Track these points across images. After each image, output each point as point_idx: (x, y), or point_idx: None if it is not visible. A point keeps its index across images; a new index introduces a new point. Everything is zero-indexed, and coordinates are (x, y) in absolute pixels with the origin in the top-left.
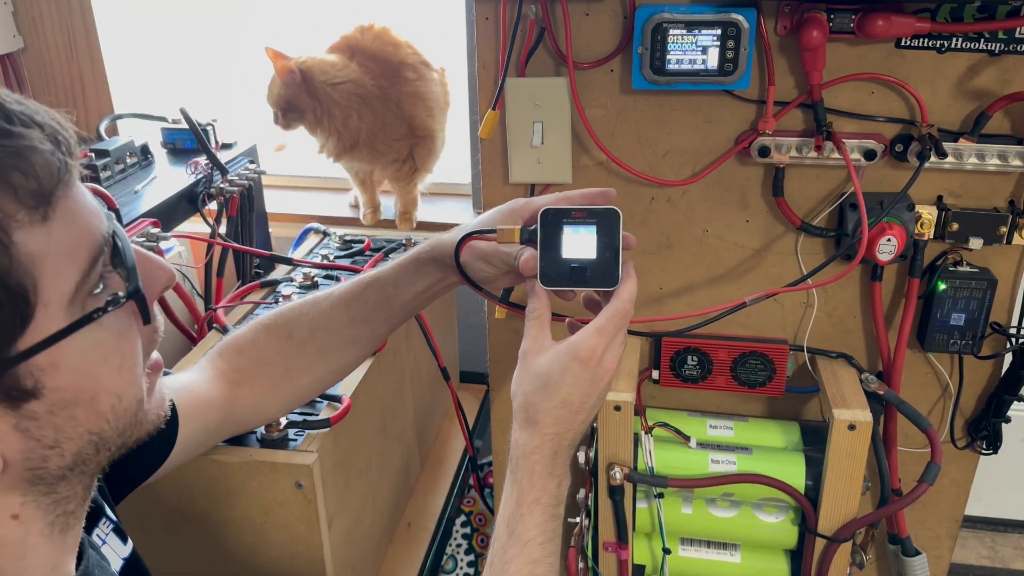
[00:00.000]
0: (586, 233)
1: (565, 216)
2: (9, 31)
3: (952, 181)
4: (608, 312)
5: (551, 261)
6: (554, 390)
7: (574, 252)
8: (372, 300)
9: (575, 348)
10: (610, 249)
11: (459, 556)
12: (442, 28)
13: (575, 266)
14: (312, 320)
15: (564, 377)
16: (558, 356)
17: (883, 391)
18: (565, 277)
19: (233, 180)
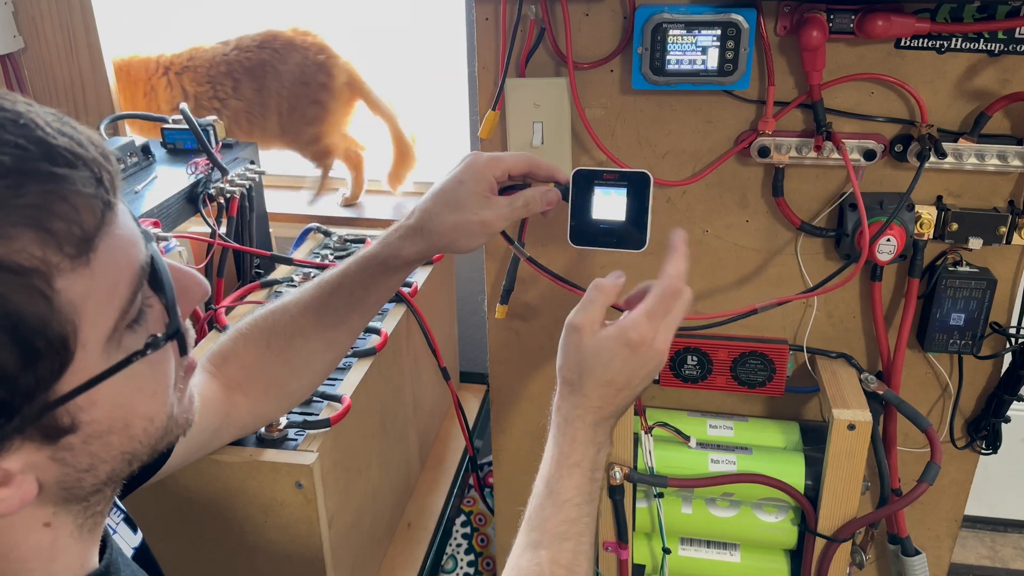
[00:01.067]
0: (616, 195)
1: (596, 177)
2: (9, 31)
3: (952, 181)
4: (657, 293)
5: (581, 220)
6: (601, 371)
7: (604, 213)
8: (342, 305)
9: (625, 334)
10: (639, 212)
11: (459, 556)
12: (442, 28)
13: (604, 227)
14: (286, 329)
15: (612, 362)
16: (608, 341)
17: (883, 391)
18: (594, 237)
19: (233, 180)
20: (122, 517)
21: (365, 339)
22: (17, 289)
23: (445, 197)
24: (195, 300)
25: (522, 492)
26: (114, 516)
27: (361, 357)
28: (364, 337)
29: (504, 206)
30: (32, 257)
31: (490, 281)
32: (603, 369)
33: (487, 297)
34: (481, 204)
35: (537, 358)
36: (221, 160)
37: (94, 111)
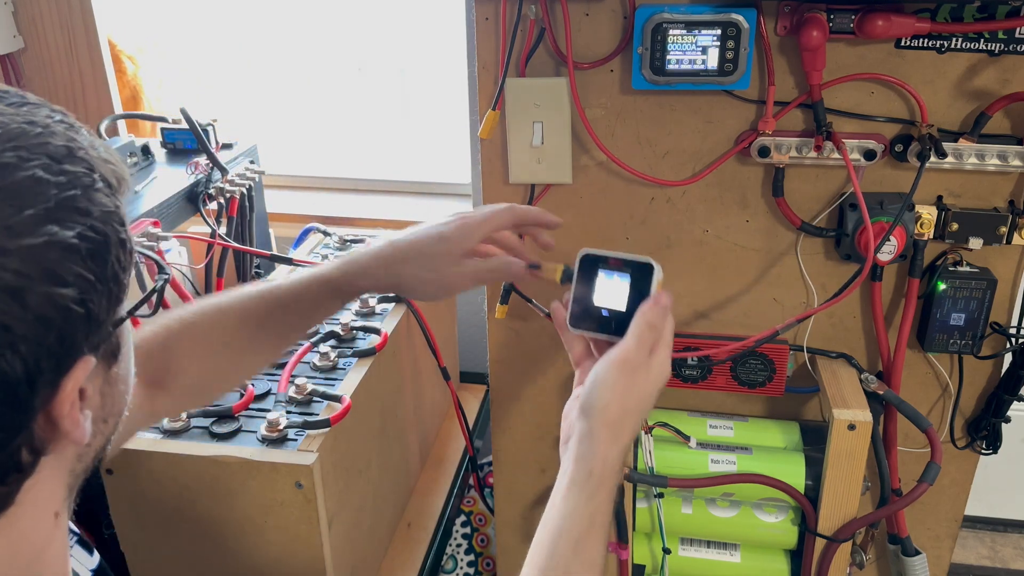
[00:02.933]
0: (619, 281)
1: (602, 262)
2: (9, 31)
3: (952, 181)
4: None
5: (583, 304)
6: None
7: (605, 300)
8: (289, 322)
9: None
10: (638, 299)
11: (459, 556)
12: (442, 28)
13: (604, 314)
14: (221, 336)
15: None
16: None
17: (883, 391)
18: (593, 323)
19: (233, 180)
20: (75, 539)
21: (365, 339)
22: (115, 220)
23: (421, 249)
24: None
25: (522, 492)
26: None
27: (361, 357)
28: (364, 337)
29: (470, 273)
30: (111, 202)
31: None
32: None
33: (487, 297)
34: (452, 265)
35: (537, 358)
36: (221, 160)
37: (94, 111)
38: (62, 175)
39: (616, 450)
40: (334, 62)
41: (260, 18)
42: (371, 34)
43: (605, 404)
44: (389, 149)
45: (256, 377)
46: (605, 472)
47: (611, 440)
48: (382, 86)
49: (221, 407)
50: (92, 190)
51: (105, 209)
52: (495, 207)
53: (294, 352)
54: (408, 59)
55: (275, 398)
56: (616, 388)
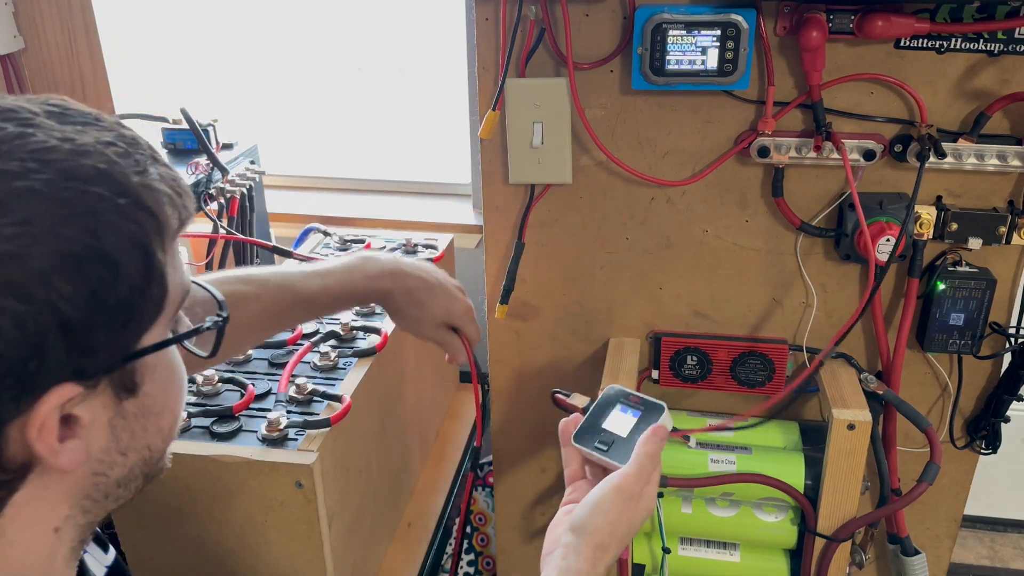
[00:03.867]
0: (631, 415)
1: (623, 397)
2: (10, 31)
3: (951, 181)
4: (641, 452)
5: (590, 425)
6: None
7: (612, 426)
8: (302, 317)
9: (616, 492)
10: (639, 434)
11: (459, 556)
12: (442, 28)
13: (607, 438)
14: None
15: (614, 530)
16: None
17: (882, 391)
18: (592, 442)
19: (233, 180)
20: (92, 537)
21: (365, 339)
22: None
23: (422, 296)
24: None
25: (522, 492)
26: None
27: (361, 357)
28: (364, 337)
29: (433, 336)
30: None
31: (490, 281)
32: (594, 532)
33: (487, 297)
34: (432, 324)
35: (537, 358)
36: (221, 160)
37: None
38: (67, 191)
39: (599, 570)
40: (334, 62)
41: (260, 18)
42: (371, 34)
43: (597, 526)
44: (389, 149)
45: (256, 377)
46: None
47: (595, 560)
48: (382, 86)
49: (221, 407)
50: (107, 213)
51: (122, 234)
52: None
53: (294, 352)
54: (408, 59)
55: (275, 398)
56: (610, 513)
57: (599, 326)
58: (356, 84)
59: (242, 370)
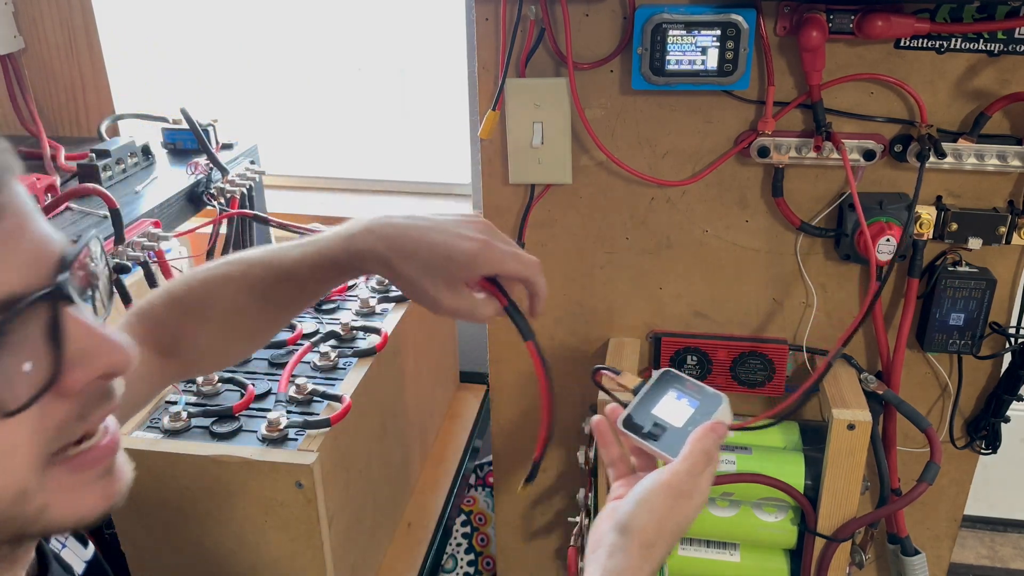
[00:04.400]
0: (687, 404)
1: (678, 382)
2: (9, 31)
3: (951, 181)
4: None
5: (641, 411)
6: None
7: (664, 414)
8: (293, 293)
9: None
10: (695, 424)
11: (459, 556)
12: (442, 28)
13: (657, 425)
14: (227, 304)
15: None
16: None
17: (882, 391)
18: (641, 429)
19: (233, 180)
20: (69, 531)
21: (365, 339)
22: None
23: (425, 258)
24: (96, 368)
25: (521, 492)
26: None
27: (361, 357)
28: (364, 337)
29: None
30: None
31: None
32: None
33: None
34: (448, 289)
35: None
36: (221, 160)
37: (94, 111)
38: None
39: (647, 570)
40: (334, 62)
41: (260, 18)
42: (371, 34)
43: (643, 525)
44: (389, 149)
45: (256, 377)
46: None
47: (643, 559)
48: (382, 86)
49: (221, 407)
50: None
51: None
52: (520, 256)
53: (294, 352)
54: (408, 59)
55: (275, 398)
56: (658, 511)
57: (599, 326)
58: (356, 84)
59: (242, 370)
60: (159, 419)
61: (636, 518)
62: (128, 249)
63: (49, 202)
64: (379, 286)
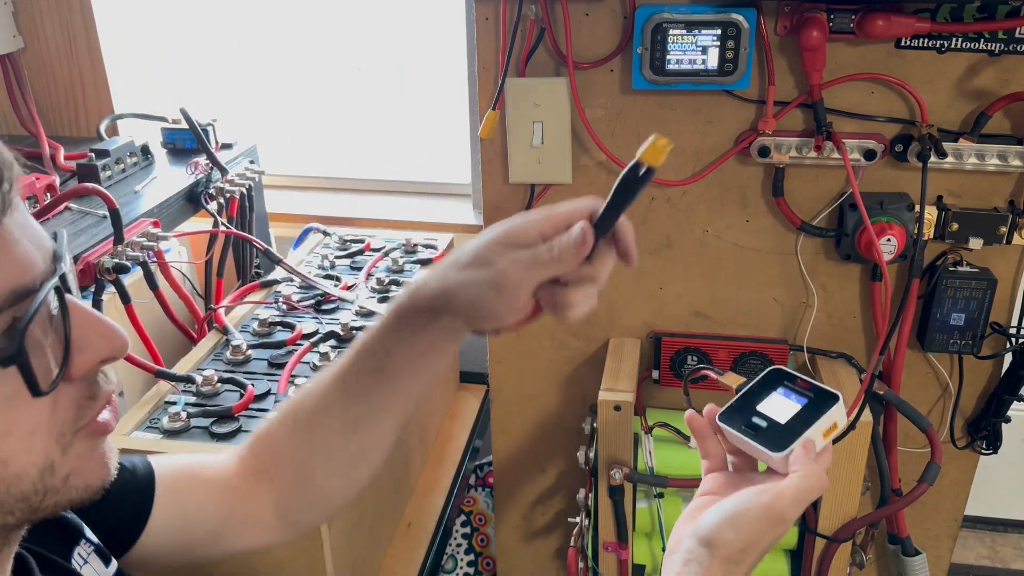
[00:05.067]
0: (795, 402)
1: (788, 379)
2: (9, 31)
3: (952, 181)
4: (804, 476)
5: (742, 404)
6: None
7: (769, 410)
8: (365, 372)
9: (766, 513)
10: (803, 423)
11: (459, 556)
12: (442, 28)
13: (761, 420)
14: (313, 402)
15: (760, 540)
16: (757, 522)
17: (883, 391)
18: (740, 421)
19: (233, 180)
20: (93, 548)
21: None
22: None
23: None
24: (100, 352)
25: (522, 492)
26: (84, 547)
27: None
28: None
29: (524, 257)
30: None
31: None
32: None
33: None
34: (500, 253)
35: (537, 358)
36: (221, 160)
37: (94, 111)
38: None
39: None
40: (334, 62)
41: (260, 18)
42: (371, 34)
43: (730, 541)
44: (389, 149)
45: (256, 378)
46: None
47: (724, 574)
48: (382, 86)
49: (221, 407)
50: None
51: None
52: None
53: (294, 352)
54: (408, 59)
55: (275, 398)
56: (750, 532)
57: (599, 326)
58: (356, 84)
59: (241, 370)
60: (159, 419)
61: (719, 534)
62: (128, 249)
63: (49, 202)
64: (379, 286)
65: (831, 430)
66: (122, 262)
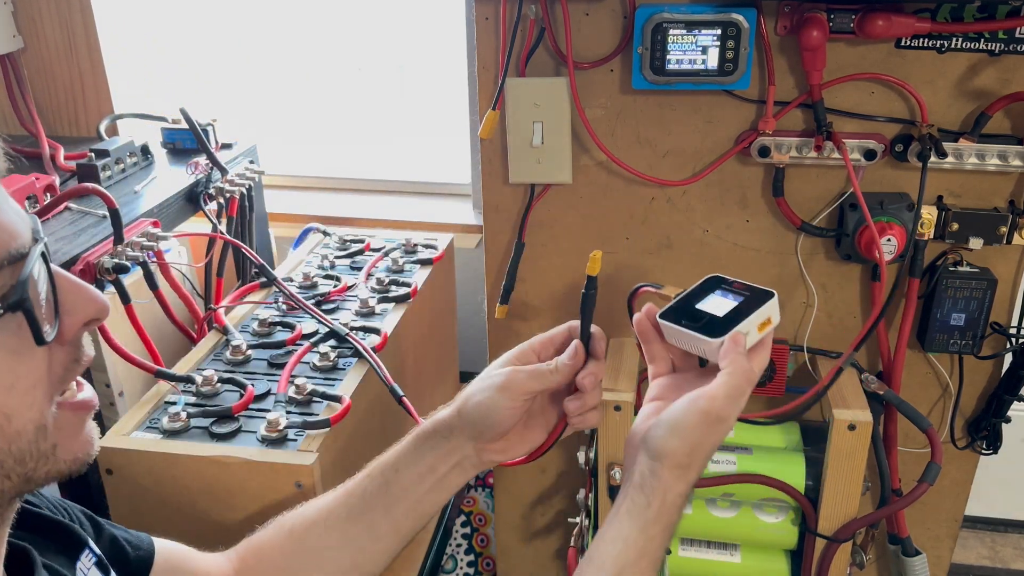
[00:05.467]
0: (731, 300)
1: (725, 283)
2: (9, 31)
3: (952, 181)
4: (736, 369)
5: (682, 305)
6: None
7: (706, 306)
8: (371, 489)
9: (703, 416)
10: (739, 315)
11: (459, 556)
12: (442, 28)
13: (700, 316)
14: (314, 513)
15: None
16: (697, 421)
17: (883, 391)
18: (681, 316)
19: (233, 180)
20: (94, 561)
21: (365, 339)
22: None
23: (485, 370)
24: (83, 316)
25: (522, 492)
26: (86, 559)
27: (361, 357)
28: (364, 337)
29: (528, 369)
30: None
31: (490, 281)
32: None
33: (487, 297)
34: (510, 366)
35: None
36: (221, 160)
37: (94, 111)
38: None
39: (680, 488)
40: (334, 62)
41: (260, 18)
42: (371, 34)
43: (674, 449)
44: (389, 149)
45: (256, 378)
46: (664, 509)
47: (675, 479)
48: (382, 86)
49: (220, 407)
50: None
51: None
52: (542, 376)
53: (294, 352)
54: (408, 59)
55: (275, 398)
56: (692, 435)
57: (599, 326)
58: (356, 84)
59: (241, 370)
60: (158, 420)
61: (667, 444)
62: (127, 249)
63: (48, 202)
64: (379, 286)
65: (765, 324)
66: (122, 262)
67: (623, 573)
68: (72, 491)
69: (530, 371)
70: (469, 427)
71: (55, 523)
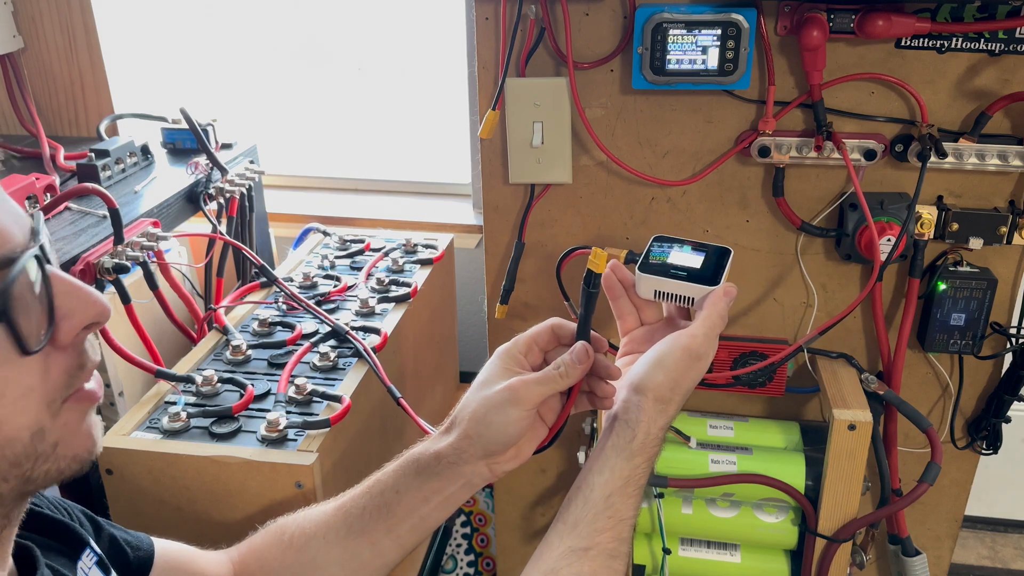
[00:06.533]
0: (697, 255)
1: (676, 241)
2: (9, 31)
3: (952, 181)
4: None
5: (652, 261)
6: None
7: (679, 261)
8: (371, 507)
9: (684, 352)
10: (716, 267)
11: (459, 556)
12: (442, 28)
13: (674, 269)
14: (312, 526)
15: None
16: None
17: (883, 391)
18: (661, 271)
19: (233, 180)
20: (95, 561)
21: (365, 339)
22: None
23: (476, 385)
24: (85, 317)
25: (522, 492)
26: (87, 559)
27: (360, 357)
28: (364, 337)
29: (535, 375)
30: None
31: (490, 281)
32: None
33: (487, 297)
34: (506, 376)
35: None
36: (221, 160)
37: (94, 111)
38: None
39: (661, 421)
40: (334, 62)
41: (260, 17)
42: (371, 34)
43: (659, 383)
44: (389, 149)
45: (256, 378)
46: (647, 440)
47: (658, 412)
48: (382, 86)
49: (220, 407)
50: None
51: None
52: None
53: (294, 352)
54: (408, 59)
55: (275, 398)
56: (674, 371)
57: (599, 327)
58: (356, 84)
59: (241, 370)
60: (158, 419)
61: (650, 378)
62: (127, 249)
63: (48, 202)
64: (379, 286)
65: (728, 274)
66: (122, 262)
67: (611, 498)
68: (72, 491)
69: (539, 378)
70: (481, 449)
71: (56, 522)
